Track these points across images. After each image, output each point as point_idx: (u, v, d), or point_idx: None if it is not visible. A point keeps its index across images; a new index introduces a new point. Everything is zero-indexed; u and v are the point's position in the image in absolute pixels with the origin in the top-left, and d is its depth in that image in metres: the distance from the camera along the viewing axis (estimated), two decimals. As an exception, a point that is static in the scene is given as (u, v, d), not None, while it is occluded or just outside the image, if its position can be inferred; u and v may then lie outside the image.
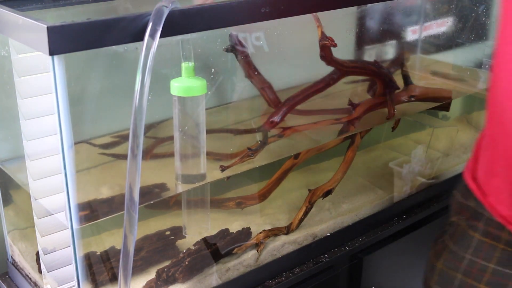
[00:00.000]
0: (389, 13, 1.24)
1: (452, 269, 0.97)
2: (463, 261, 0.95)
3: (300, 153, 1.10)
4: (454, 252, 0.97)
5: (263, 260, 1.05)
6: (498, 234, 0.93)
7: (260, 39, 1.04)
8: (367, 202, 1.23)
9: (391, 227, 1.23)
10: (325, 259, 1.11)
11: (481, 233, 0.95)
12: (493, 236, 0.93)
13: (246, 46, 1.03)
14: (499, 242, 0.93)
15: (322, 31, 1.05)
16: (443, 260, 0.99)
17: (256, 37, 1.04)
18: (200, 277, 0.97)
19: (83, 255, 0.82)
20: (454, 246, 0.98)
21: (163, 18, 0.70)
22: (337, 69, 1.11)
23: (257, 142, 1.02)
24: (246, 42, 1.03)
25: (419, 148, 1.37)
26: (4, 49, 0.85)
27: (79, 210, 0.77)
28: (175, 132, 0.85)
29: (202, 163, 0.90)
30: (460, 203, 1.00)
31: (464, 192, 0.99)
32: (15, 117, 0.84)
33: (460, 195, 1.00)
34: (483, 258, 0.94)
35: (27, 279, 0.97)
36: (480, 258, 0.94)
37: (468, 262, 0.95)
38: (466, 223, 0.97)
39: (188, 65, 0.81)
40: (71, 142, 0.73)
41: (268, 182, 1.12)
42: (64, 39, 0.66)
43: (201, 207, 0.97)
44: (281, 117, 1.09)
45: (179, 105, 0.84)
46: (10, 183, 0.97)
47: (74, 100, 0.74)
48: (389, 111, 1.19)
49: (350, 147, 1.18)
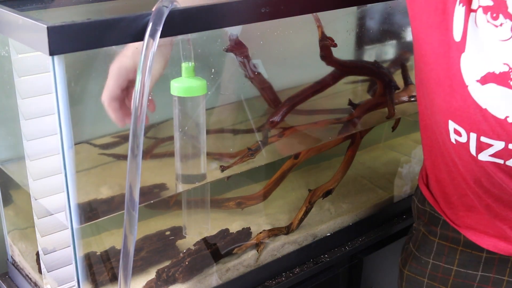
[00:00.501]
0: (389, 13, 1.24)
1: (418, 275, 0.98)
2: (428, 266, 0.97)
3: (300, 153, 1.10)
4: (418, 258, 0.98)
5: (263, 260, 1.05)
6: (455, 236, 0.94)
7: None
8: (367, 202, 1.23)
9: (391, 227, 1.23)
10: (325, 259, 1.11)
11: (439, 237, 0.96)
12: (451, 239, 0.94)
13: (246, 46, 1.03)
14: (458, 245, 0.94)
15: (322, 31, 1.05)
16: (408, 266, 1.00)
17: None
18: (200, 277, 0.97)
19: (83, 255, 0.82)
20: (417, 252, 0.99)
21: (163, 18, 0.70)
22: (337, 69, 1.11)
23: (257, 142, 1.02)
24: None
25: (419, 148, 1.37)
26: (4, 49, 0.85)
27: (79, 210, 0.77)
28: (175, 132, 0.85)
29: (202, 163, 0.89)
30: (418, 209, 1.01)
31: (420, 197, 1.01)
32: (15, 117, 0.84)
33: (417, 200, 1.02)
34: (445, 261, 0.95)
35: (27, 279, 0.97)
36: (442, 261, 0.95)
37: (432, 267, 0.96)
38: (425, 229, 0.99)
39: (188, 65, 0.81)
40: (71, 142, 0.73)
41: (268, 182, 1.12)
42: (64, 39, 0.66)
43: (201, 207, 0.97)
44: (281, 117, 1.09)
45: (179, 105, 0.84)
46: (10, 183, 0.97)
47: (74, 100, 0.74)
48: (389, 111, 1.19)
49: (350, 147, 1.18)
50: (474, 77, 0.74)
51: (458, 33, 0.75)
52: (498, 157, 0.77)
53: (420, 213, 1.01)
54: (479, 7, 0.73)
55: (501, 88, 0.73)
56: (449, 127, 0.80)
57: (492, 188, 0.82)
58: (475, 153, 0.78)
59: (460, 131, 0.79)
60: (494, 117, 0.74)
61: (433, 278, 0.96)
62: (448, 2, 0.75)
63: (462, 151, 0.80)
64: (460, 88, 0.76)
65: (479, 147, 0.78)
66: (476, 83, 0.74)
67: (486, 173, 0.80)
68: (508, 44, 0.72)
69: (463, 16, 0.74)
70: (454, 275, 0.94)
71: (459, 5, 0.74)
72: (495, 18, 0.72)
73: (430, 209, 0.98)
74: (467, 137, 0.78)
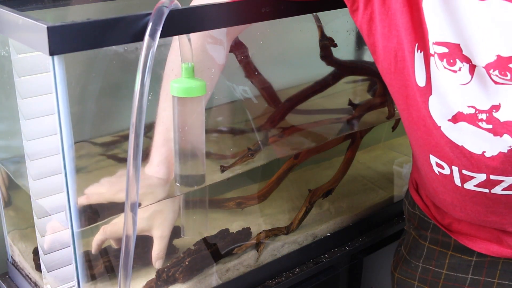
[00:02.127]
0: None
1: (408, 278, 0.98)
2: (418, 269, 0.97)
3: (300, 153, 1.10)
4: (409, 261, 0.99)
5: (263, 260, 1.05)
6: (445, 240, 0.94)
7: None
8: (367, 202, 1.23)
9: (391, 227, 1.23)
10: (325, 259, 1.11)
11: (430, 241, 0.96)
12: (441, 243, 0.94)
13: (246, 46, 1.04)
14: (448, 249, 0.94)
15: (322, 31, 1.05)
16: (399, 269, 1.00)
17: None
18: (200, 277, 0.97)
19: (83, 254, 0.82)
20: (408, 256, 0.99)
21: (163, 18, 0.70)
22: (337, 69, 1.11)
23: (257, 142, 1.02)
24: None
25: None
26: (4, 49, 0.85)
27: (79, 212, 0.77)
28: (174, 133, 0.85)
29: (202, 165, 0.89)
30: (408, 212, 1.02)
31: (410, 201, 1.01)
32: (15, 117, 0.84)
33: (408, 203, 1.02)
34: (435, 265, 0.95)
35: (27, 279, 0.97)
36: (432, 265, 0.95)
37: (422, 270, 0.97)
38: (416, 232, 0.99)
39: (188, 65, 0.81)
40: (71, 142, 0.73)
41: (268, 182, 1.12)
42: (64, 39, 0.66)
43: (200, 209, 0.97)
44: (281, 117, 1.09)
45: (179, 106, 0.84)
46: (10, 183, 0.97)
47: (74, 100, 0.74)
48: (389, 111, 1.19)
49: (350, 147, 1.18)
50: (445, 117, 0.74)
51: (421, 79, 0.74)
52: (482, 187, 0.78)
53: (410, 216, 1.01)
54: (434, 53, 0.72)
55: (472, 127, 0.73)
56: (431, 161, 0.81)
57: (480, 209, 0.83)
58: (460, 183, 0.79)
59: (443, 165, 0.79)
60: (471, 153, 0.74)
61: (423, 281, 0.97)
62: (406, 50, 0.74)
63: (446, 181, 0.81)
64: (434, 129, 0.76)
65: (463, 179, 0.78)
66: (448, 122, 0.74)
67: (472, 200, 0.81)
68: (469, 87, 0.71)
69: (423, 62, 0.73)
70: (444, 278, 0.94)
71: (417, 52, 0.73)
72: (452, 64, 0.71)
73: (420, 213, 0.98)
74: (449, 170, 0.79)
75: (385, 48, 0.76)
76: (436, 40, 0.71)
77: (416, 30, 0.72)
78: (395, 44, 0.75)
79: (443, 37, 0.70)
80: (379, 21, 0.75)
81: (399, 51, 0.75)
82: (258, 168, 1.01)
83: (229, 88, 1.08)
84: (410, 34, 0.73)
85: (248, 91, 1.05)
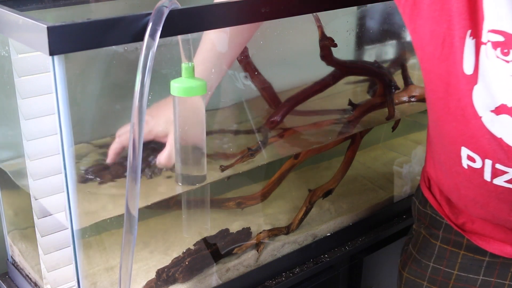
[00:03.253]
0: (389, 13, 1.24)
1: (418, 278, 0.98)
2: (428, 269, 0.96)
3: (300, 153, 1.10)
4: (418, 260, 0.98)
5: (263, 260, 1.05)
6: (457, 240, 0.93)
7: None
8: (367, 202, 1.23)
9: (391, 227, 1.23)
10: (325, 259, 1.11)
11: (441, 240, 0.95)
12: (453, 243, 0.94)
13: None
14: (460, 249, 0.93)
15: (322, 31, 1.05)
16: (408, 268, 0.99)
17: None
18: (200, 277, 0.97)
19: (83, 255, 0.82)
20: (417, 255, 0.98)
21: (163, 18, 0.70)
22: (337, 69, 1.11)
23: (257, 142, 1.02)
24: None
25: (419, 148, 1.37)
26: (4, 49, 0.85)
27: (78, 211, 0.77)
28: (175, 133, 0.85)
29: (202, 165, 0.89)
30: (419, 211, 1.00)
31: (421, 199, 1.00)
32: (15, 117, 0.84)
33: (418, 202, 1.01)
34: (446, 265, 0.94)
35: (27, 279, 0.97)
36: (443, 265, 0.94)
37: (432, 270, 0.96)
38: (426, 231, 0.98)
39: (188, 65, 0.81)
40: (71, 142, 0.73)
41: (268, 182, 1.12)
42: (64, 39, 0.66)
43: (201, 208, 0.97)
44: (281, 117, 1.09)
45: (179, 106, 0.84)
46: (10, 183, 0.97)
47: (74, 100, 0.74)
48: (389, 111, 1.19)
49: (350, 147, 1.18)
50: (487, 108, 0.73)
51: (469, 67, 0.73)
52: None
53: (421, 215, 1.00)
54: (488, 41, 0.71)
55: None
56: (462, 153, 0.79)
57: (504, 207, 0.81)
58: (490, 178, 0.77)
59: (475, 158, 0.77)
60: (509, 146, 0.73)
61: (433, 281, 0.96)
62: (456, 36, 0.73)
63: (474, 176, 0.79)
64: (473, 119, 0.74)
65: (494, 173, 0.77)
66: (490, 113, 0.73)
67: (497, 197, 0.79)
68: None
69: (473, 50, 0.72)
70: (454, 279, 0.94)
71: (469, 38, 0.72)
72: (506, 54, 0.70)
73: (432, 212, 0.97)
74: (481, 163, 0.77)
75: (433, 33, 0.75)
76: (492, 28, 0.70)
77: (471, 16, 0.71)
78: (445, 29, 0.73)
79: (501, 25, 0.69)
80: (428, 5, 0.74)
81: (448, 36, 0.73)
82: (258, 168, 1.01)
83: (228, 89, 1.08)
84: (464, 19, 0.71)
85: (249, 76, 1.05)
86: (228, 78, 1.07)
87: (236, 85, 1.06)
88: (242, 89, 1.07)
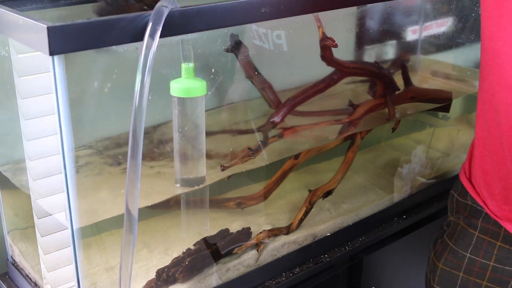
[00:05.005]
0: (389, 13, 1.24)
1: (453, 269, 0.97)
2: (464, 260, 0.96)
3: (300, 154, 1.10)
4: (455, 251, 0.98)
5: (263, 260, 1.05)
6: (495, 230, 0.94)
7: (281, 38, 1.03)
8: (367, 202, 1.23)
9: (391, 227, 1.23)
10: (325, 259, 1.11)
11: (480, 230, 0.96)
12: (490, 233, 0.94)
13: (265, 41, 1.02)
14: (497, 240, 0.94)
15: (323, 31, 1.05)
16: (444, 260, 0.99)
17: (277, 35, 1.03)
18: (200, 277, 0.97)
19: (83, 255, 0.82)
20: (454, 246, 0.98)
21: (163, 18, 0.70)
22: (337, 69, 1.11)
23: (258, 143, 1.02)
24: (267, 38, 1.02)
25: (419, 148, 1.37)
26: (4, 49, 0.85)
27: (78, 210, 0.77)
28: (175, 134, 0.85)
29: (202, 166, 0.89)
30: (458, 202, 1.01)
31: (461, 191, 1.00)
32: (15, 117, 0.84)
33: (457, 194, 1.01)
34: (482, 256, 0.94)
35: (27, 279, 0.97)
36: (479, 256, 0.95)
37: (468, 261, 0.96)
38: (465, 222, 0.98)
39: (188, 66, 0.81)
40: (71, 143, 0.73)
41: (269, 182, 1.12)
42: (64, 39, 0.66)
43: (200, 208, 0.97)
44: (281, 117, 1.09)
45: (179, 106, 0.84)
46: (10, 183, 0.97)
47: (74, 100, 0.74)
48: (389, 112, 1.19)
49: (351, 148, 1.18)
50: None
51: None
52: None
53: (460, 207, 1.00)
54: None
55: None
56: None
57: None
58: None
59: None
60: None
61: (469, 272, 0.96)
62: None
63: None
64: None
65: None
66: None
67: None
68: None
69: None
70: (491, 270, 0.94)
71: None
72: None
73: (472, 203, 0.97)
74: None
75: None
76: None
77: None
78: None
79: None
80: None
81: None
82: (258, 168, 1.01)
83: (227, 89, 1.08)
84: None
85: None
86: (229, 78, 1.07)
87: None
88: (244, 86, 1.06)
